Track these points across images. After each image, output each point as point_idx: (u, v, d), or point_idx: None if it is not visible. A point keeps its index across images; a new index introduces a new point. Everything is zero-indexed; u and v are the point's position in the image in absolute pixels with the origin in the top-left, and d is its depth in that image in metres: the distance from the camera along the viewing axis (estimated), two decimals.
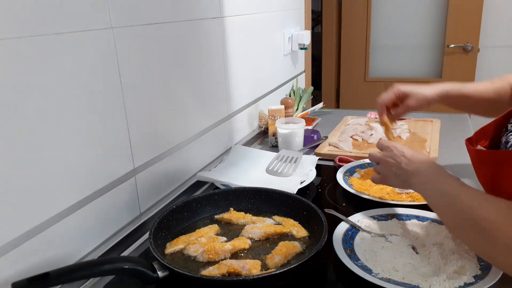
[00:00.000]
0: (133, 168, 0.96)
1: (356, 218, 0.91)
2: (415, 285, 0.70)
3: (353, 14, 2.94)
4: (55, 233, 0.76)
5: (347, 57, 3.05)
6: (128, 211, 0.96)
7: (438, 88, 0.99)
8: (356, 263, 0.75)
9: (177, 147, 1.12)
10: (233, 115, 1.44)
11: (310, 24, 2.31)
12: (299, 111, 1.76)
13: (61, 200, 0.77)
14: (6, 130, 0.66)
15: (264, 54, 1.67)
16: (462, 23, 2.69)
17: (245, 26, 1.47)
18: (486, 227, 0.61)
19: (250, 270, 0.75)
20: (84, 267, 0.68)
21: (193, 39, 1.15)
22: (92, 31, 0.81)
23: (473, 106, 1.02)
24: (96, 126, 0.84)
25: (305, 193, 1.11)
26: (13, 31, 0.66)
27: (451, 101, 1.01)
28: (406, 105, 1.00)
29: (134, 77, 0.94)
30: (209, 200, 0.97)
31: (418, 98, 0.98)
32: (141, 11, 0.94)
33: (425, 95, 0.98)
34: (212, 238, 0.85)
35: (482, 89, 0.99)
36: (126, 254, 0.89)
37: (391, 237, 0.83)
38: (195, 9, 1.15)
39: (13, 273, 0.68)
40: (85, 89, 0.80)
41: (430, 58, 2.89)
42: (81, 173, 0.81)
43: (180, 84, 1.12)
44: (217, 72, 1.30)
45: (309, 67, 2.34)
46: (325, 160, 1.32)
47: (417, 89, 0.99)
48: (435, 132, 1.48)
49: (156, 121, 1.03)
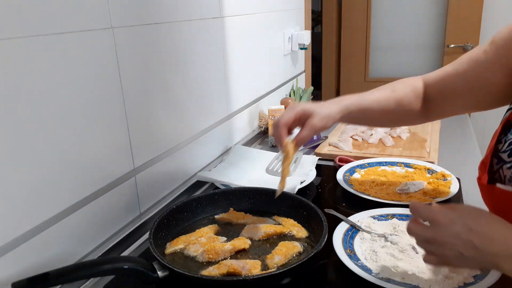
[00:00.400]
0: (133, 168, 0.96)
1: (356, 218, 0.91)
2: (415, 285, 0.70)
3: (353, 14, 2.94)
4: (55, 233, 0.76)
5: (347, 57, 3.05)
6: (128, 211, 0.96)
7: (341, 103, 0.88)
8: (356, 263, 0.75)
9: (177, 147, 1.12)
10: (233, 115, 1.44)
11: (310, 24, 2.31)
12: None
13: (61, 200, 0.77)
14: (6, 130, 0.66)
15: (264, 54, 1.67)
16: (462, 23, 2.69)
17: (245, 26, 1.47)
18: None
19: (250, 270, 0.75)
20: (84, 267, 0.68)
21: (193, 39, 1.15)
22: (92, 31, 0.81)
23: (376, 119, 0.96)
24: (96, 126, 0.84)
25: (305, 193, 1.11)
26: (13, 31, 0.66)
27: (353, 116, 0.90)
28: (310, 125, 0.83)
29: (134, 77, 0.94)
30: (209, 200, 0.97)
31: (323, 116, 0.84)
32: (141, 11, 0.94)
33: (329, 113, 0.85)
34: (212, 238, 0.85)
35: (383, 99, 0.92)
36: (126, 254, 0.89)
37: (391, 237, 0.83)
38: (195, 9, 1.15)
39: (13, 273, 0.68)
40: (85, 89, 0.80)
41: (430, 58, 2.89)
42: (81, 173, 0.81)
43: (180, 84, 1.12)
44: (217, 72, 1.30)
45: (309, 67, 2.34)
46: (325, 160, 1.32)
47: (320, 107, 0.85)
48: (435, 132, 1.48)
49: (156, 121, 1.03)
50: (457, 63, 0.89)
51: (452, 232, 0.59)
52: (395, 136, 1.45)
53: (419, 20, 2.83)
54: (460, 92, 0.88)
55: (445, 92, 0.91)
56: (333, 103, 0.88)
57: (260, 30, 1.61)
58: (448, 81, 0.90)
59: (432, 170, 1.15)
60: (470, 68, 0.85)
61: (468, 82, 0.86)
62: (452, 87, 0.89)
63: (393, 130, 1.48)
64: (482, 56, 0.83)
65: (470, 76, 0.85)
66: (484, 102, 0.87)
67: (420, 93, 0.95)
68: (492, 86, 0.83)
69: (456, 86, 0.88)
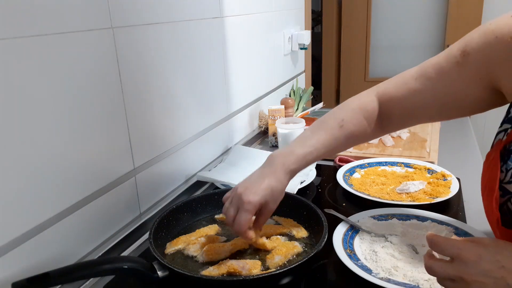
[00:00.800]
0: (133, 168, 0.96)
1: (356, 218, 0.91)
2: (415, 285, 0.70)
3: (353, 14, 2.95)
4: (55, 233, 0.76)
5: (347, 57, 3.05)
6: (128, 211, 0.96)
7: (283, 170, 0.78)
8: (356, 263, 0.75)
9: (177, 147, 1.12)
10: (233, 115, 1.44)
11: (310, 24, 2.31)
12: (299, 111, 1.76)
13: (61, 200, 0.77)
14: (5, 130, 0.66)
15: (264, 54, 1.67)
16: (462, 23, 2.69)
17: (245, 26, 1.47)
18: None
19: (250, 270, 0.75)
20: (84, 267, 0.68)
21: (193, 39, 1.15)
22: (92, 31, 0.81)
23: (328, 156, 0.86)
24: (96, 126, 0.84)
25: (305, 193, 1.11)
26: (13, 31, 0.66)
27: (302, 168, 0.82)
28: (268, 211, 0.77)
29: (134, 77, 0.94)
30: (209, 200, 0.97)
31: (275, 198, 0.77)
32: (141, 11, 0.94)
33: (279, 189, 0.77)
34: (212, 238, 0.85)
35: (331, 141, 0.82)
36: (126, 254, 0.89)
37: (391, 237, 0.83)
38: (195, 9, 1.15)
39: (13, 273, 0.68)
40: (85, 89, 0.80)
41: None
42: (81, 173, 0.81)
43: (180, 84, 1.12)
44: (217, 72, 1.30)
45: (309, 67, 2.34)
46: (325, 160, 1.32)
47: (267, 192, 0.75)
48: (435, 132, 1.48)
49: (156, 121, 1.03)
50: (423, 76, 0.78)
51: (481, 270, 0.52)
52: (395, 136, 1.45)
53: (419, 20, 2.83)
54: (427, 107, 0.79)
55: (408, 109, 0.81)
56: (277, 173, 0.78)
57: (260, 30, 1.61)
58: (412, 99, 0.79)
59: (432, 170, 1.15)
60: (440, 83, 0.75)
61: (437, 98, 0.76)
62: (417, 104, 0.79)
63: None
64: (454, 69, 0.73)
65: (440, 92, 0.75)
66: (454, 113, 0.79)
67: (374, 115, 0.84)
68: (466, 100, 0.74)
69: (423, 103, 0.78)
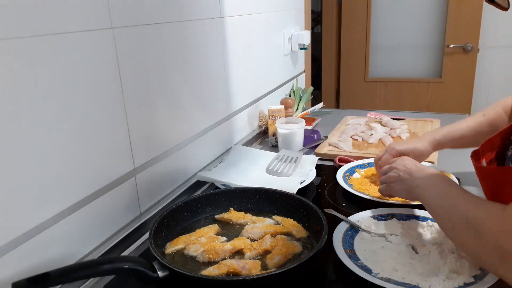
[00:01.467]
0: (133, 168, 0.96)
1: (356, 218, 0.91)
2: (414, 285, 0.70)
3: (353, 14, 2.94)
4: (55, 233, 0.76)
5: (347, 57, 3.05)
6: (128, 211, 0.96)
7: (430, 139, 1.02)
8: (356, 263, 0.75)
9: (177, 147, 1.12)
10: (233, 115, 1.44)
11: (310, 24, 2.31)
12: (299, 111, 1.76)
13: (61, 200, 0.77)
14: (5, 131, 0.66)
15: (264, 54, 1.67)
16: (462, 23, 2.69)
17: (245, 26, 1.47)
18: (477, 225, 0.64)
19: (250, 270, 0.75)
20: (84, 267, 0.68)
21: (193, 39, 1.15)
22: (92, 31, 0.81)
23: (469, 143, 1.01)
24: (96, 126, 0.84)
25: (305, 193, 1.11)
26: (13, 31, 0.66)
27: (445, 146, 1.04)
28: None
29: (134, 77, 0.94)
30: (209, 200, 0.97)
31: (416, 155, 1.01)
32: (141, 11, 0.94)
33: (421, 151, 1.02)
34: (212, 238, 0.85)
35: (474, 124, 1.00)
36: (126, 254, 0.89)
37: (391, 237, 0.83)
38: (195, 9, 1.15)
39: (13, 273, 0.68)
40: (85, 89, 0.80)
41: (430, 58, 2.89)
42: (81, 173, 0.81)
43: (180, 84, 1.12)
44: (217, 72, 1.30)
45: (309, 67, 2.34)
46: (325, 160, 1.32)
47: (411, 146, 1.02)
48: None
49: (156, 121, 1.03)
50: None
51: (400, 163, 0.89)
52: (395, 136, 1.45)
53: (419, 20, 2.83)
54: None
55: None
56: (424, 140, 1.02)
57: (260, 30, 1.61)
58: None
59: None
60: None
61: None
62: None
63: (393, 130, 1.48)
64: None
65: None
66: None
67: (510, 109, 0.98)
68: None
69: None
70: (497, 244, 0.59)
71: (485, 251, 0.62)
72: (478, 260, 0.69)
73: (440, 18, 2.78)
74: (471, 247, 0.66)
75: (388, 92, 2.99)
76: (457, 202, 0.70)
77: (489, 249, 0.61)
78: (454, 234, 0.70)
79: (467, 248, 0.68)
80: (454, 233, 0.70)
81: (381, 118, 1.63)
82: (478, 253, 0.64)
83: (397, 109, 2.94)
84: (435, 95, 2.88)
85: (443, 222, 0.73)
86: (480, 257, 0.65)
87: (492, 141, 0.81)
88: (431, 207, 0.76)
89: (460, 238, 0.68)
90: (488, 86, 2.83)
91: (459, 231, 0.68)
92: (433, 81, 2.87)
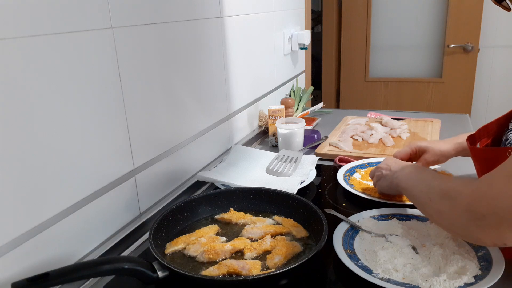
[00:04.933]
0: (133, 168, 0.96)
1: (356, 218, 0.91)
2: (415, 285, 0.70)
3: (353, 14, 2.94)
4: (55, 233, 0.76)
5: (347, 57, 3.05)
6: (128, 211, 0.96)
7: (453, 142, 1.04)
8: (356, 263, 0.75)
9: (177, 147, 1.12)
10: (233, 115, 1.44)
11: (310, 24, 2.31)
12: (299, 111, 1.76)
13: (61, 200, 0.77)
14: (5, 131, 0.66)
15: (264, 54, 1.67)
16: (462, 23, 2.69)
17: (245, 26, 1.47)
18: (451, 193, 0.69)
19: (250, 270, 0.75)
20: (84, 267, 0.68)
21: (193, 39, 1.15)
22: (92, 31, 0.81)
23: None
24: (96, 126, 0.84)
25: (305, 193, 1.11)
26: (13, 31, 0.65)
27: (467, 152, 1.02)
28: (424, 160, 1.05)
29: (134, 77, 0.94)
30: (209, 200, 0.97)
31: (435, 153, 1.03)
32: (141, 11, 0.94)
33: (442, 150, 1.04)
34: (212, 238, 0.85)
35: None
36: (126, 254, 0.89)
37: (391, 237, 0.83)
38: (195, 9, 1.15)
39: (13, 273, 0.68)
40: (85, 89, 0.80)
41: (430, 58, 2.89)
42: (81, 173, 0.81)
43: (180, 84, 1.12)
44: (217, 72, 1.30)
45: (309, 67, 2.34)
46: (325, 160, 1.31)
47: (433, 144, 1.05)
48: (435, 132, 1.48)
49: (156, 121, 1.03)
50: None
51: (383, 162, 0.99)
52: (395, 136, 1.45)
53: (419, 20, 2.83)
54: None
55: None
56: (447, 141, 1.05)
57: (260, 30, 1.61)
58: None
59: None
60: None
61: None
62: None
63: (393, 130, 1.48)
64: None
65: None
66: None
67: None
68: None
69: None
70: (470, 208, 0.64)
71: (458, 214, 0.67)
72: (452, 226, 0.71)
73: (441, 18, 2.78)
74: (445, 212, 0.70)
75: (388, 92, 2.99)
76: (433, 182, 0.76)
77: (462, 211, 0.66)
78: (430, 205, 0.75)
79: (442, 214, 0.72)
80: (430, 204, 0.74)
81: (381, 118, 1.62)
82: (452, 217, 0.69)
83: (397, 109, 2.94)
84: (435, 95, 2.88)
85: (421, 200, 0.78)
86: (453, 221, 0.69)
87: (488, 128, 0.84)
88: (411, 193, 0.82)
89: (435, 207, 0.73)
90: (488, 86, 2.83)
91: (435, 201, 0.73)
92: (433, 81, 2.87)
